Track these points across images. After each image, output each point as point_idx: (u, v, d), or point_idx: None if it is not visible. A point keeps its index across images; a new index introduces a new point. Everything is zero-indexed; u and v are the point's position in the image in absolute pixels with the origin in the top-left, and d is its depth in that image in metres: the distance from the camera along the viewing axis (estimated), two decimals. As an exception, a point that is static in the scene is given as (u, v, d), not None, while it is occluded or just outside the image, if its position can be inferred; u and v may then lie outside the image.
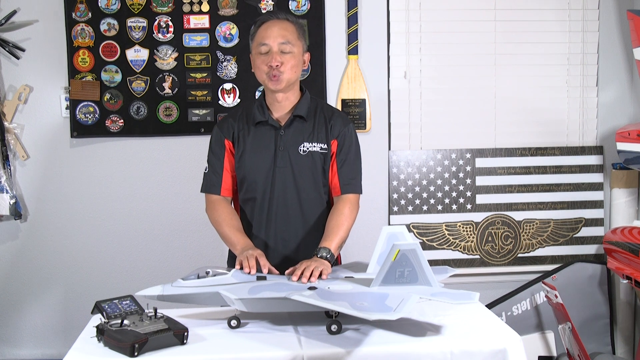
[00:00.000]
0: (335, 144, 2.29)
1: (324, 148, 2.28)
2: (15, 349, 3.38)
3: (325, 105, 2.39)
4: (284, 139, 2.26)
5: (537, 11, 3.46)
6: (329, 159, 2.29)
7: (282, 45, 2.20)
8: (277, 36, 2.20)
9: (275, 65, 2.18)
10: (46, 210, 3.34)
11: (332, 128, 2.29)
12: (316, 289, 1.88)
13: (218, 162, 2.31)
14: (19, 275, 3.35)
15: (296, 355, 1.71)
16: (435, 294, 1.82)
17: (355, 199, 2.32)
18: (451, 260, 3.45)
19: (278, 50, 2.20)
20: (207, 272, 1.93)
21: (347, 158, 2.30)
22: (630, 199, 3.46)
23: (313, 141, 2.27)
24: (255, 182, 2.27)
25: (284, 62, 2.20)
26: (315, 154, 2.27)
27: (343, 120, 2.33)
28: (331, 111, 2.36)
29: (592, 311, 3.45)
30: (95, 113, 3.30)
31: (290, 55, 2.21)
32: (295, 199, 2.27)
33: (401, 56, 3.42)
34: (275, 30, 2.21)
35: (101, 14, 3.26)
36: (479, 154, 3.48)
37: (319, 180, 2.28)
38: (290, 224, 2.29)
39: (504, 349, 1.76)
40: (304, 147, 2.26)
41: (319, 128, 2.29)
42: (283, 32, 2.21)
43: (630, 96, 3.54)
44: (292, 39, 2.22)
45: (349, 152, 2.31)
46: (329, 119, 2.30)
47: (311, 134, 2.27)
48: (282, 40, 2.20)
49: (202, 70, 3.31)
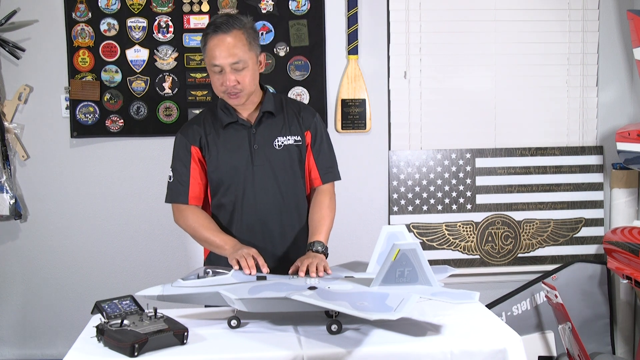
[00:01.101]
0: (309, 135, 2.31)
1: (298, 140, 2.28)
2: (15, 348, 3.38)
3: (289, 99, 2.41)
4: (257, 136, 2.25)
5: (537, 11, 3.46)
6: (304, 150, 2.30)
7: (234, 65, 2.12)
8: (227, 56, 2.10)
9: (231, 85, 2.14)
10: (46, 210, 3.34)
11: (304, 120, 2.31)
12: (316, 289, 1.88)
13: (184, 169, 2.26)
14: (19, 275, 3.35)
15: (296, 355, 1.71)
16: (435, 294, 1.82)
17: (332, 188, 2.36)
18: (451, 260, 3.45)
19: (231, 70, 2.13)
20: (207, 272, 1.93)
21: (322, 148, 2.34)
22: (630, 199, 3.46)
23: (286, 135, 2.27)
24: (233, 184, 2.25)
25: (240, 79, 2.14)
26: (290, 147, 2.27)
27: (311, 112, 2.36)
28: (297, 104, 2.38)
29: (592, 311, 3.45)
30: (95, 113, 3.30)
31: (244, 70, 2.13)
32: (277, 194, 2.26)
33: (401, 56, 3.42)
34: (224, 49, 2.10)
35: (101, 14, 3.26)
36: (479, 154, 3.48)
37: (297, 172, 2.29)
38: (276, 220, 2.28)
39: (504, 349, 1.76)
40: (278, 141, 2.26)
41: (290, 121, 2.29)
42: (232, 51, 2.10)
43: (630, 96, 3.54)
44: (242, 54, 2.12)
45: (322, 142, 2.34)
46: (298, 112, 2.32)
47: (283, 128, 2.27)
48: (233, 60, 2.10)
49: (202, 70, 3.31)
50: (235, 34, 2.12)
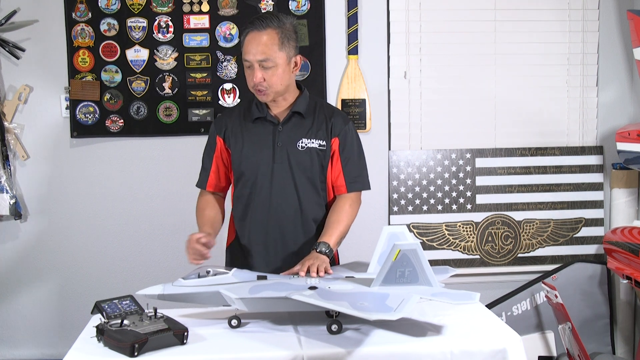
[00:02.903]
0: (337, 142, 2.29)
1: (323, 145, 2.27)
2: (15, 349, 3.38)
3: (325, 104, 2.39)
4: (282, 135, 2.26)
5: (537, 11, 3.46)
6: (328, 156, 2.29)
7: (261, 62, 2.14)
8: (256, 53, 2.13)
9: (257, 82, 2.16)
10: (46, 210, 3.34)
11: (333, 126, 2.29)
12: (317, 289, 1.88)
13: (207, 158, 2.36)
14: (19, 275, 3.35)
15: (296, 355, 1.71)
16: (435, 294, 1.82)
17: (357, 196, 2.34)
18: (451, 260, 3.45)
19: (259, 67, 2.15)
20: (207, 272, 1.93)
21: (351, 156, 2.31)
22: (630, 199, 3.46)
23: (312, 138, 2.26)
24: (253, 177, 2.27)
25: (267, 77, 2.16)
26: (313, 151, 2.26)
27: (343, 119, 2.33)
28: (331, 110, 2.36)
29: (592, 311, 3.45)
30: (95, 113, 3.30)
31: (272, 69, 2.15)
32: (293, 194, 2.26)
33: (401, 56, 3.42)
34: (254, 45, 2.13)
35: (101, 14, 3.26)
36: (479, 154, 3.48)
37: (316, 177, 2.28)
38: (289, 220, 2.28)
39: (504, 349, 1.76)
40: (302, 143, 2.26)
41: (318, 125, 2.28)
42: (262, 48, 2.13)
43: (630, 96, 3.54)
44: (271, 52, 2.14)
45: (352, 150, 2.31)
46: (330, 117, 2.30)
47: (310, 131, 2.27)
48: (261, 57, 2.13)
49: (202, 70, 3.31)
50: (268, 32, 2.15)
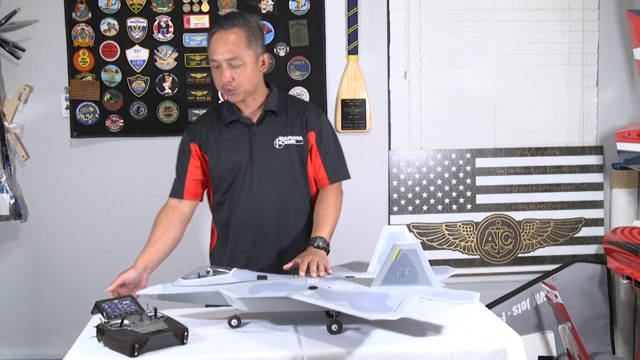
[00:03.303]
0: (313, 136, 2.30)
1: (300, 140, 2.27)
2: (15, 349, 3.38)
3: (296, 99, 2.41)
4: (258, 135, 2.25)
5: (537, 11, 3.46)
6: (306, 151, 2.29)
7: (229, 61, 2.14)
8: (223, 52, 2.12)
9: (226, 82, 2.15)
10: (46, 210, 3.34)
11: (308, 121, 2.29)
12: (317, 289, 1.88)
13: (181, 167, 2.31)
14: (19, 275, 3.35)
15: (296, 355, 1.71)
16: (435, 294, 1.82)
17: (340, 187, 2.36)
18: (451, 260, 3.45)
19: (227, 66, 2.14)
20: (207, 272, 1.93)
21: (329, 148, 2.32)
22: (630, 199, 3.46)
23: (287, 134, 2.26)
24: (233, 182, 2.26)
25: (235, 76, 2.15)
26: (291, 147, 2.26)
27: (317, 112, 2.34)
28: (303, 104, 2.37)
29: (592, 311, 3.45)
30: (95, 113, 3.30)
31: (241, 68, 2.14)
32: (275, 194, 2.26)
33: (401, 56, 3.42)
34: (221, 45, 2.12)
35: (101, 14, 3.26)
36: (479, 154, 3.48)
37: (297, 173, 2.28)
38: (273, 220, 2.27)
39: (504, 349, 1.76)
40: (279, 141, 2.26)
41: (292, 121, 2.28)
42: (230, 47, 2.12)
43: (630, 96, 3.54)
44: (239, 51, 2.13)
45: (329, 142, 2.33)
46: (302, 112, 2.31)
47: (285, 128, 2.27)
48: (229, 56, 2.12)
49: (202, 70, 3.31)
50: (235, 31, 2.14)
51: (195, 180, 2.30)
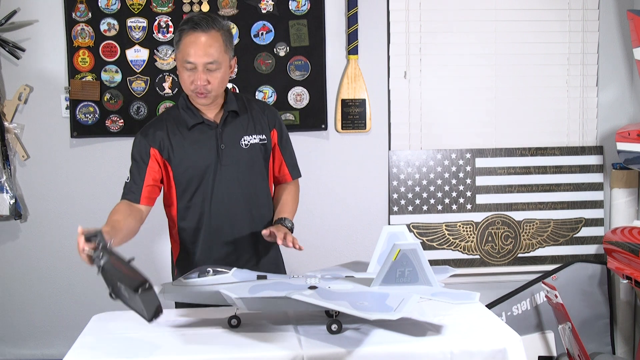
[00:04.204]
0: (276, 133, 2.33)
1: (263, 139, 2.29)
2: (15, 348, 3.38)
3: (252, 98, 2.42)
4: (224, 136, 2.24)
5: (537, 11, 3.46)
6: (269, 149, 2.32)
7: (208, 64, 2.11)
8: (202, 55, 2.09)
9: (202, 85, 2.13)
10: (46, 210, 3.34)
11: (269, 119, 2.32)
12: (317, 289, 1.88)
13: (138, 172, 2.23)
14: (19, 275, 3.35)
15: (296, 355, 1.71)
16: (435, 294, 1.82)
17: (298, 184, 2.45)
18: (451, 260, 3.45)
19: (204, 69, 2.11)
20: (207, 271, 1.93)
21: (287, 145, 2.38)
22: (630, 199, 3.46)
23: (252, 134, 2.27)
24: (201, 185, 2.24)
25: (210, 80, 2.14)
26: (256, 146, 2.27)
27: (273, 110, 2.38)
28: (261, 103, 2.40)
29: (592, 311, 3.45)
30: (95, 113, 3.30)
31: (217, 71, 2.13)
32: (245, 194, 2.26)
33: (401, 56, 3.42)
34: (201, 48, 2.09)
35: (101, 14, 3.26)
36: (479, 154, 3.48)
37: (263, 171, 2.31)
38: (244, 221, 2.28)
39: (504, 349, 1.76)
40: (244, 140, 2.26)
41: (255, 120, 2.29)
42: (209, 50, 2.10)
43: (630, 96, 3.54)
44: (218, 55, 2.12)
45: (287, 139, 2.39)
46: (263, 110, 2.33)
47: (249, 127, 2.27)
48: (208, 60, 2.10)
49: (202, 70, 3.31)
50: (212, 34, 2.12)
51: (152, 186, 2.25)
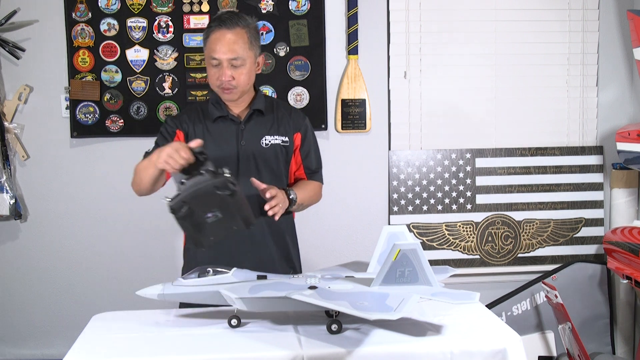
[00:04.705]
0: (299, 137, 2.35)
1: (285, 141, 2.31)
2: (15, 348, 3.38)
3: (281, 102, 2.45)
4: (245, 133, 2.27)
5: (537, 11, 3.46)
6: (291, 152, 2.33)
7: (232, 60, 2.17)
8: (226, 51, 2.16)
9: (226, 80, 2.18)
10: (46, 210, 3.34)
11: (294, 122, 2.34)
12: (316, 289, 1.88)
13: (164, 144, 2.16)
14: (19, 275, 3.35)
15: (296, 355, 1.71)
16: (435, 294, 1.82)
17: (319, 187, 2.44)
18: (451, 260, 3.45)
19: (228, 65, 2.17)
20: (207, 271, 1.93)
21: (310, 150, 2.38)
22: (630, 199, 3.46)
23: (274, 134, 2.29)
24: None
25: (235, 75, 2.19)
26: (276, 147, 2.29)
27: (301, 115, 2.40)
28: (289, 107, 2.43)
29: (592, 311, 3.45)
30: (95, 113, 3.30)
31: (241, 68, 2.19)
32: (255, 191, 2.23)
33: (401, 56, 3.42)
34: (225, 44, 2.16)
35: (101, 14, 3.26)
36: (479, 154, 3.48)
37: (282, 172, 2.32)
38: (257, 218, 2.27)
39: (504, 349, 1.76)
40: (265, 140, 2.28)
41: (279, 122, 2.32)
42: (233, 47, 2.16)
43: (630, 96, 3.54)
44: (242, 52, 2.17)
45: (312, 145, 2.39)
46: (289, 113, 2.36)
47: (272, 127, 2.30)
48: (232, 56, 2.16)
49: (202, 71, 3.31)
50: (238, 31, 2.18)
51: None
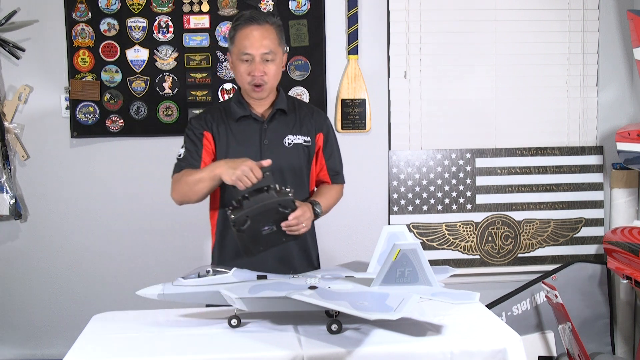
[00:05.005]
0: (321, 137, 2.34)
1: (308, 141, 2.31)
2: (15, 349, 3.38)
3: (302, 102, 2.45)
4: (268, 132, 2.27)
5: (537, 11, 3.46)
6: (313, 151, 2.33)
7: (264, 55, 2.18)
8: (259, 46, 2.17)
9: (259, 75, 2.18)
10: (46, 210, 3.34)
11: (316, 122, 2.34)
12: (317, 289, 1.88)
13: (196, 147, 2.25)
14: (19, 275, 3.35)
15: (296, 355, 1.71)
16: (435, 294, 1.82)
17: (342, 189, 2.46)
18: (451, 260, 3.45)
19: (261, 60, 2.18)
20: (207, 271, 1.93)
21: (333, 151, 2.39)
22: (630, 199, 3.46)
23: (297, 134, 2.29)
24: None
25: (267, 71, 2.20)
26: (299, 147, 2.29)
27: (323, 115, 2.41)
28: (310, 107, 2.43)
29: (592, 311, 3.45)
30: (95, 113, 3.30)
31: (272, 63, 2.20)
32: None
33: (401, 56, 3.42)
34: (257, 39, 2.17)
35: (101, 14, 3.26)
36: (479, 154, 3.48)
37: (304, 172, 2.31)
38: None
39: (504, 349, 1.76)
40: (288, 139, 2.28)
41: (301, 121, 2.31)
42: (265, 42, 2.17)
43: (630, 96, 3.54)
44: (273, 47, 2.19)
45: (333, 145, 2.39)
46: (311, 113, 2.36)
47: (294, 127, 2.30)
48: (265, 50, 2.17)
49: (202, 70, 3.31)
50: (267, 27, 2.20)
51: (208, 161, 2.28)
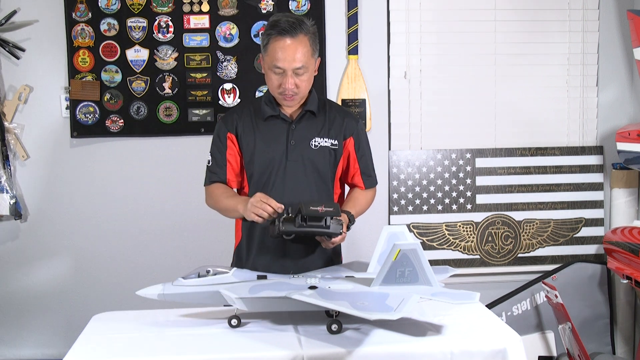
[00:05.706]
0: (352, 141, 2.33)
1: (335, 144, 2.29)
2: (16, 349, 3.38)
3: (334, 104, 2.42)
4: (295, 133, 2.26)
5: (537, 11, 3.46)
6: (340, 155, 2.31)
7: (297, 69, 2.15)
8: (291, 61, 2.13)
9: (290, 88, 2.17)
10: (46, 210, 3.34)
11: (347, 126, 2.32)
12: (317, 289, 1.88)
13: (221, 154, 2.30)
14: (19, 275, 3.35)
15: (296, 355, 1.71)
16: (435, 294, 1.83)
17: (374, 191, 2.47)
18: (451, 260, 3.45)
19: (292, 74, 2.16)
20: (207, 271, 1.93)
21: (365, 154, 2.38)
22: (630, 199, 3.46)
23: (324, 137, 2.28)
24: (267, 176, 2.25)
25: (299, 84, 2.18)
26: (325, 149, 2.28)
27: (355, 118, 2.38)
28: (342, 110, 2.40)
29: (592, 311, 3.45)
30: (95, 113, 3.30)
31: (304, 75, 2.18)
32: (306, 193, 2.25)
33: (401, 56, 3.42)
34: (290, 54, 2.13)
35: (101, 14, 3.26)
36: (479, 154, 3.48)
37: (328, 175, 2.30)
38: None
39: (504, 349, 1.76)
40: (315, 142, 2.27)
41: (330, 124, 2.30)
42: (298, 56, 2.13)
43: (630, 96, 3.54)
44: (306, 60, 2.16)
45: (366, 148, 2.38)
46: (342, 117, 2.33)
47: (323, 129, 2.28)
48: (297, 65, 2.14)
49: (202, 70, 3.31)
50: (301, 39, 2.15)
51: (235, 169, 2.31)
